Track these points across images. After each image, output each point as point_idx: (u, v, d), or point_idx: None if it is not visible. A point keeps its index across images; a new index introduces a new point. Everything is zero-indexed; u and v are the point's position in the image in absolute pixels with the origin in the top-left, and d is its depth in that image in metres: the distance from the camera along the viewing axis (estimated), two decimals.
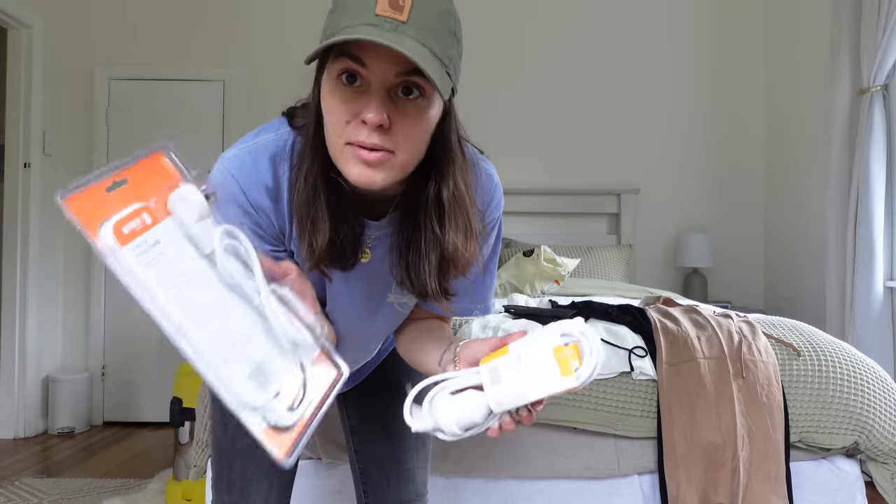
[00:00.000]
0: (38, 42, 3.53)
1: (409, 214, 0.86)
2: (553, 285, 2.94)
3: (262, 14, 3.91)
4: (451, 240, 0.83)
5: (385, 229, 0.89)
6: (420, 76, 0.72)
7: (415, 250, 0.85)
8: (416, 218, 0.85)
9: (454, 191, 0.83)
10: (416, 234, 0.85)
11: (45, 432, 3.58)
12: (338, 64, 0.73)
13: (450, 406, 0.75)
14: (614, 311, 1.87)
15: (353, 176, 0.75)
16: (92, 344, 3.80)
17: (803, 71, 3.50)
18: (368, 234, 0.89)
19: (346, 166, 0.76)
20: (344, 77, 0.74)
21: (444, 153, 0.82)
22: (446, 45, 0.74)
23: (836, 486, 1.63)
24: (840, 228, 2.90)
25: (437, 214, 0.83)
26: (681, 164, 3.93)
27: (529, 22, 3.96)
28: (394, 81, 0.73)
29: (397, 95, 0.74)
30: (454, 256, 0.83)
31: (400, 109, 0.74)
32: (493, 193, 0.96)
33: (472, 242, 0.84)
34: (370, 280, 0.94)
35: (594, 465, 1.63)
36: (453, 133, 0.83)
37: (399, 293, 0.97)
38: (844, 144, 2.88)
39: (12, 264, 3.48)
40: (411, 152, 0.77)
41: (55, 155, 3.67)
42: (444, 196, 0.82)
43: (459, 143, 0.85)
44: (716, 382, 1.60)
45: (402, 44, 0.68)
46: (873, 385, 1.66)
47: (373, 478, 1.19)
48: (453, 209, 0.83)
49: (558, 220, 3.91)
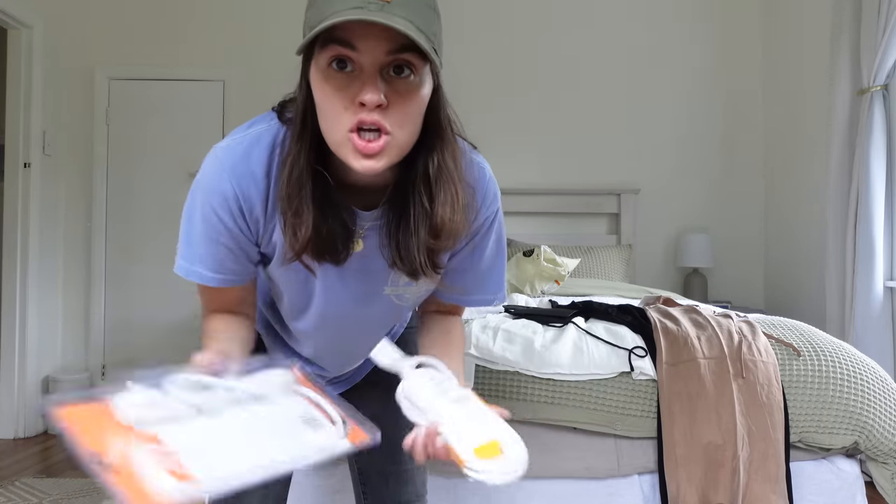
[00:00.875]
0: (38, 42, 3.53)
1: (399, 197, 0.86)
2: (553, 285, 2.94)
3: (262, 14, 3.91)
4: (439, 212, 0.84)
5: (378, 220, 0.89)
6: (410, 53, 0.73)
7: (404, 227, 0.86)
8: (405, 197, 0.85)
9: (441, 164, 0.84)
10: (405, 212, 0.86)
11: (45, 432, 3.58)
12: (327, 52, 0.74)
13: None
14: (614, 311, 1.87)
15: (356, 165, 0.76)
16: (92, 344, 3.80)
17: (803, 71, 3.50)
18: (360, 224, 0.89)
19: (347, 156, 0.77)
20: (335, 64, 0.74)
21: (433, 129, 0.83)
22: (430, 20, 0.75)
23: (836, 486, 1.63)
24: (840, 228, 2.90)
25: (426, 189, 0.84)
26: (681, 164, 3.93)
27: (530, 22, 3.96)
28: (385, 61, 0.74)
29: (389, 75, 0.75)
30: (441, 228, 0.84)
31: (394, 89, 0.75)
32: (488, 186, 0.96)
33: (458, 214, 0.85)
34: (365, 273, 0.95)
35: (594, 465, 1.63)
36: (441, 110, 0.84)
37: (395, 285, 0.97)
38: (844, 144, 2.88)
39: (12, 264, 3.48)
40: (408, 131, 0.78)
41: (55, 155, 3.67)
42: (431, 171, 0.83)
43: (449, 121, 0.86)
44: (716, 382, 1.60)
45: (392, 21, 0.69)
46: (873, 385, 1.66)
47: (371, 479, 1.19)
48: (441, 182, 0.84)
49: (558, 220, 3.91)
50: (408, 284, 0.97)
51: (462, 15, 3.88)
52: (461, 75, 3.81)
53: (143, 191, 3.82)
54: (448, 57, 0.83)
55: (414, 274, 0.89)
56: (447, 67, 0.89)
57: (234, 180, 0.85)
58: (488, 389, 1.63)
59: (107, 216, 3.83)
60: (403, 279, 0.95)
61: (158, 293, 3.80)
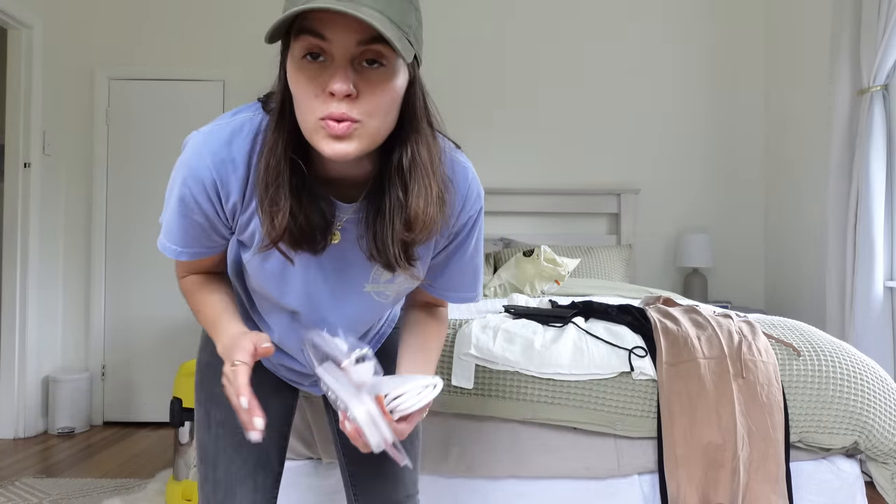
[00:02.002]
0: (38, 42, 3.53)
1: (377, 190, 0.88)
2: (553, 285, 2.94)
3: (262, 14, 3.91)
4: (413, 204, 0.85)
5: (357, 213, 0.91)
6: (381, 43, 0.74)
7: (380, 220, 0.88)
8: (382, 189, 0.87)
9: (415, 156, 0.85)
10: (382, 204, 0.87)
11: (45, 432, 3.58)
12: (300, 42, 0.75)
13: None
14: (614, 311, 1.87)
15: (327, 151, 0.77)
16: (92, 344, 3.80)
17: (803, 71, 3.50)
18: (339, 216, 0.91)
19: (319, 143, 0.78)
20: (308, 56, 0.76)
21: (409, 121, 0.85)
22: (404, 11, 0.76)
23: (836, 486, 1.63)
24: (840, 228, 2.90)
25: (401, 180, 0.85)
26: (681, 164, 3.93)
27: (529, 22, 3.96)
28: (356, 51, 0.75)
29: (361, 66, 0.76)
30: (415, 220, 0.85)
31: (365, 78, 0.76)
32: (471, 185, 0.98)
33: (432, 206, 0.86)
34: (345, 269, 0.96)
35: (594, 465, 1.63)
36: (418, 101, 0.85)
37: (376, 282, 0.99)
38: (844, 144, 2.88)
39: (12, 264, 3.48)
40: (380, 119, 0.79)
41: (55, 155, 3.67)
42: (405, 162, 0.85)
43: (426, 113, 0.87)
44: (716, 382, 1.60)
45: (359, 12, 0.70)
46: (873, 385, 1.66)
47: (363, 480, 1.18)
48: (415, 174, 0.85)
49: (558, 220, 3.92)
50: (388, 282, 0.99)
51: (463, 12, 3.88)
52: (460, 74, 3.82)
53: (143, 191, 3.82)
54: (446, 55, 0.84)
55: (389, 266, 0.90)
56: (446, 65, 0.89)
57: (213, 166, 0.86)
58: (488, 389, 1.63)
59: (107, 216, 3.83)
60: (384, 276, 0.97)
61: (158, 293, 3.80)
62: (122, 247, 3.83)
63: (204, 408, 1.12)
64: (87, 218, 3.83)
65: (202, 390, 1.14)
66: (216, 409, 1.11)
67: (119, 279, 3.82)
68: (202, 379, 1.14)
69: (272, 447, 1.14)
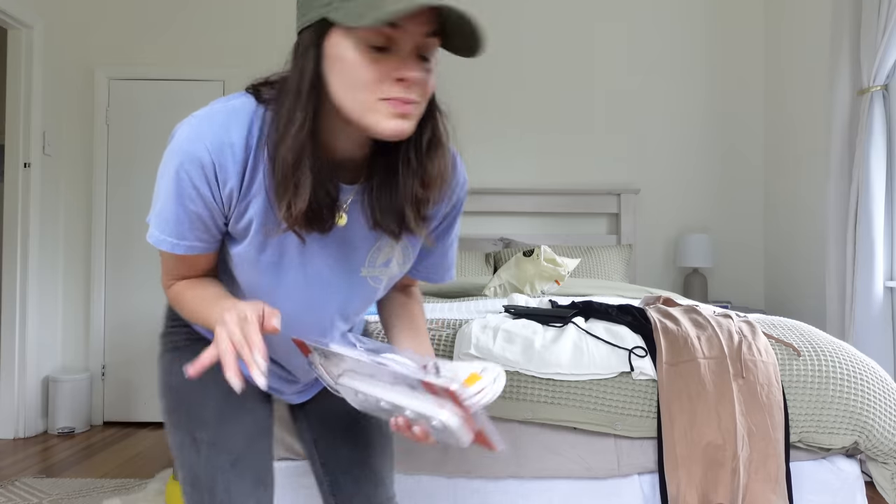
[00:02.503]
0: (38, 42, 3.53)
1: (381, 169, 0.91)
2: (553, 285, 2.94)
3: (262, 14, 3.92)
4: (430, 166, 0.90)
5: (359, 195, 0.94)
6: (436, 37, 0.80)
7: (389, 191, 0.91)
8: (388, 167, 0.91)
9: (439, 129, 0.90)
10: (389, 178, 0.91)
11: (45, 432, 3.59)
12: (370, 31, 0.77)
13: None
14: (614, 311, 1.87)
15: (388, 128, 0.80)
16: (92, 344, 3.80)
17: (803, 71, 3.50)
18: (343, 197, 0.92)
19: (377, 121, 0.80)
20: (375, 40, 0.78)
21: (433, 100, 0.90)
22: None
23: (836, 486, 1.63)
24: (840, 228, 2.90)
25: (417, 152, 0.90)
26: (681, 164, 3.93)
27: (529, 21, 3.96)
28: (421, 42, 0.79)
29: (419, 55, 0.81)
30: (433, 179, 0.90)
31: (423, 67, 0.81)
32: (459, 171, 1.04)
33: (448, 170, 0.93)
34: (344, 251, 0.97)
35: (594, 465, 1.63)
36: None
37: (372, 265, 1.00)
38: (844, 144, 2.88)
39: (12, 264, 3.48)
40: (425, 104, 0.85)
41: (55, 155, 3.68)
42: (427, 136, 0.89)
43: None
44: (716, 382, 1.60)
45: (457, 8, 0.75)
46: (873, 385, 1.66)
47: (344, 487, 1.15)
48: (436, 143, 0.90)
49: (558, 220, 3.92)
50: (384, 265, 1.01)
51: None
52: (461, 74, 3.82)
53: (143, 191, 3.82)
54: (446, 55, 0.85)
55: (401, 228, 0.92)
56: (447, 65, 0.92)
57: (212, 149, 0.84)
58: None
59: (107, 216, 3.83)
60: (381, 259, 0.99)
61: (158, 293, 3.80)
62: (122, 247, 3.83)
63: (185, 431, 1.04)
64: (87, 218, 3.83)
65: (179, 414, 1.04)
66: (201, 429, 1.03)
67: (119, 279, 3.82)
68: (175, 404, 1.05)
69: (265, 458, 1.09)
